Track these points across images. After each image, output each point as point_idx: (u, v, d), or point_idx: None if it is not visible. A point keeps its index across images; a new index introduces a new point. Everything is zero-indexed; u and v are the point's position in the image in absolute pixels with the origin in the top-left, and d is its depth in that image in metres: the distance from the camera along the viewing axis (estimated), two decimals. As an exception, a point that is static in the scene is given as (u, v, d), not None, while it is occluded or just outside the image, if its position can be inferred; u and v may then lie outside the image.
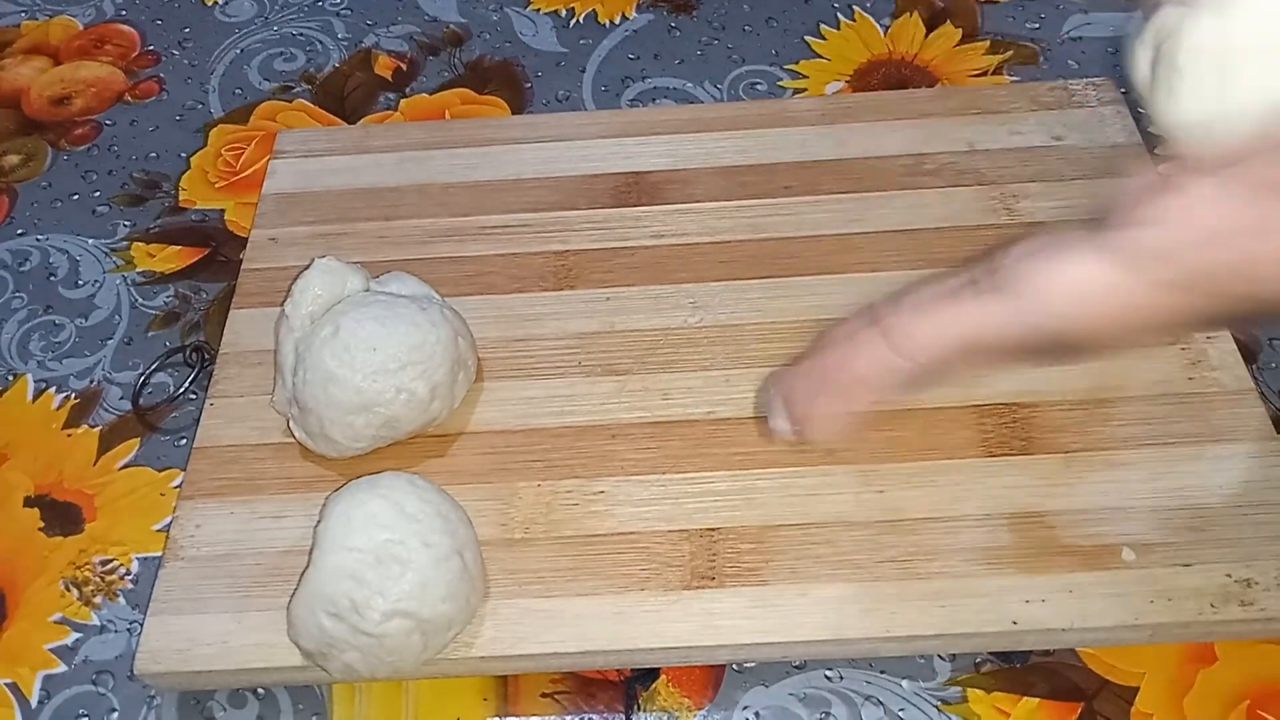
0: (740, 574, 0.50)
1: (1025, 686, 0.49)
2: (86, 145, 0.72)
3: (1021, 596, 0.48)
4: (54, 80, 0.76)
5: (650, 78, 0.74)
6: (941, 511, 0.51)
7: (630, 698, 0.49)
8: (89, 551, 0.55)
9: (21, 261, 0.67)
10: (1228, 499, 0.50)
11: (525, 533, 0.52)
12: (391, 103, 0.74)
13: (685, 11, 0.78)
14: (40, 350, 0.63)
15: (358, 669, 0.47)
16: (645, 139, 0.67)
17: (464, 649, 0.48)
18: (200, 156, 0.71)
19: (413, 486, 0.48)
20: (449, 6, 0.79)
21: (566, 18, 0.78)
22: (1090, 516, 0.50)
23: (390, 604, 0.45)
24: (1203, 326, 0.52)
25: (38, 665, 0.52)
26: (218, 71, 0.76)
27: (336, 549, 0.46)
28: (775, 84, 0.73)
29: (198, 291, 0.64)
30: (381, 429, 0.53)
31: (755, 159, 0.65)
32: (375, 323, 0.52)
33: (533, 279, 0.61)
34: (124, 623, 0.53)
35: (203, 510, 0.53)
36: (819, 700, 0.49)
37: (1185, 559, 0.49)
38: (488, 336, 0.58)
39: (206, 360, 0.60)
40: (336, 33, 0.78)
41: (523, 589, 0.50)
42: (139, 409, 0.59)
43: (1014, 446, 0.53)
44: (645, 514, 0.52)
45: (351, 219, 0.64)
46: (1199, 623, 0.47)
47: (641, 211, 0.63)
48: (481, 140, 0.68)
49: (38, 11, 0.81)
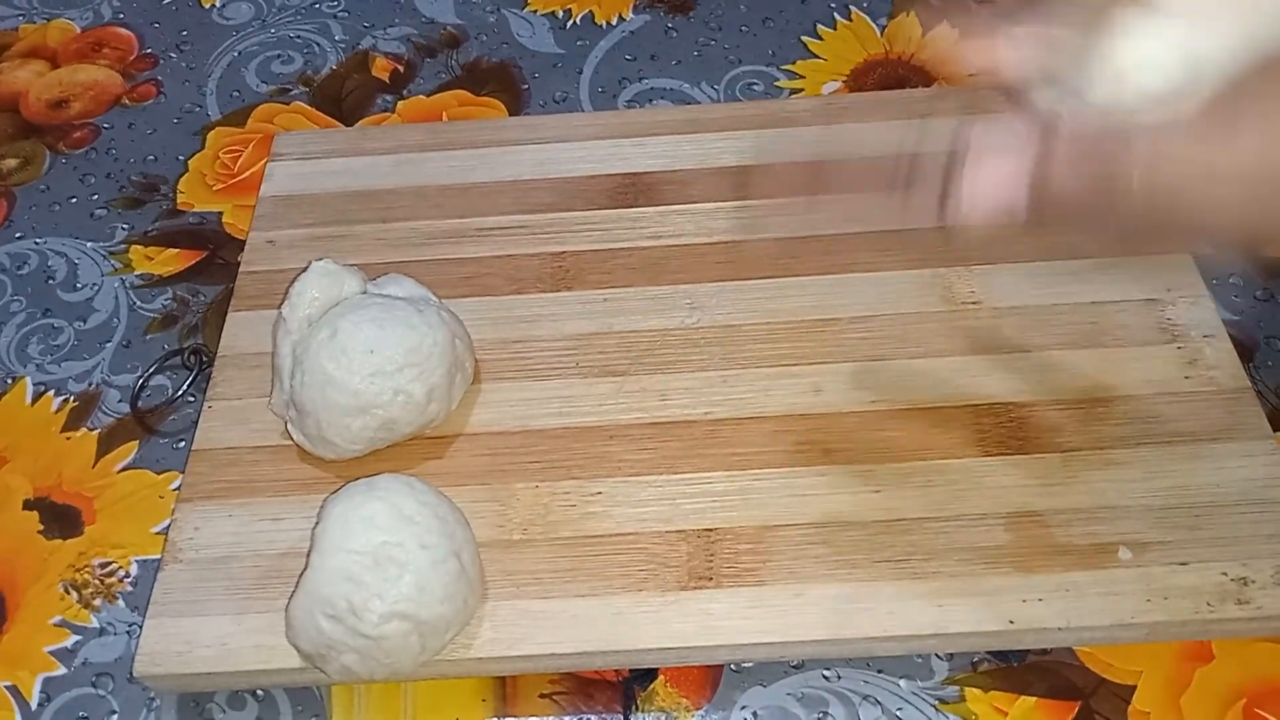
0: (738, 574, 0.50)
1: (1022, 685, 0.49)
2: (84, 148, 0.72)
3: (1018, 596, 0.48)
4: (52, 84, 0.77)
5: (647, 79, 0.74)
6: (938, 511, 0.51)
7: (628, 698, 0.49)
8: (88, 554, 0.55)
9: (20, 265, 0.67)
10: (1224, 498, 0.50)
11: (523, 534, 0.52)
12: (389, 105, 0.74)
13: (682, 12, 0.78)
14: (39, 353, 0.63)
15: (356, 670, 0.47)
16: (642, 140, 0.67)
17: (462, 650, 0.48)
18: (198, 159, 0.71)
19: (410, 488, 0.48)
20: (446, 8, 0.79)
21: (563, 19, 0.78)
22: (1087, 516, 0.50)
23: (388, 606, 0.45)
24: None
25: (37, 668, 0.52)
26: (215, 74, 0.76)
27: (334, 551, 0.46)
28: (772, 84, 0.73)
29: (196, 294, 0.65)
30: (379, 431, 0.53)
31: (752, 159, 0.65)
32: (373, 325, 0.52)
33: (530, 280, 0.61)
34: (123, 625, 0.53)
35: (201, 513, 0.53)
36: (817, 700, 0.49)
37: (1182, 558, 0.49)
38: (485, 338, 0.58)
39: (205, 363, 0.60)
40: (334, 35, 0.78)
41: (520, 590, 0.50)
42: (138, 412, 0.59)
43: (1010, 446, 0.53)
44: (643, 515, 0.52)
45: (349, 221, 0.64)
46: (1195, 621, 0.48)
47: (639, 212, 0.64)
48: (479, 142, 0.68)
49: (35, 15, 0.81)
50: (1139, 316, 0.57)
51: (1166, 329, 0.57)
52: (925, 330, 0.57)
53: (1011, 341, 0.56)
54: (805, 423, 0.54)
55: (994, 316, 0.58)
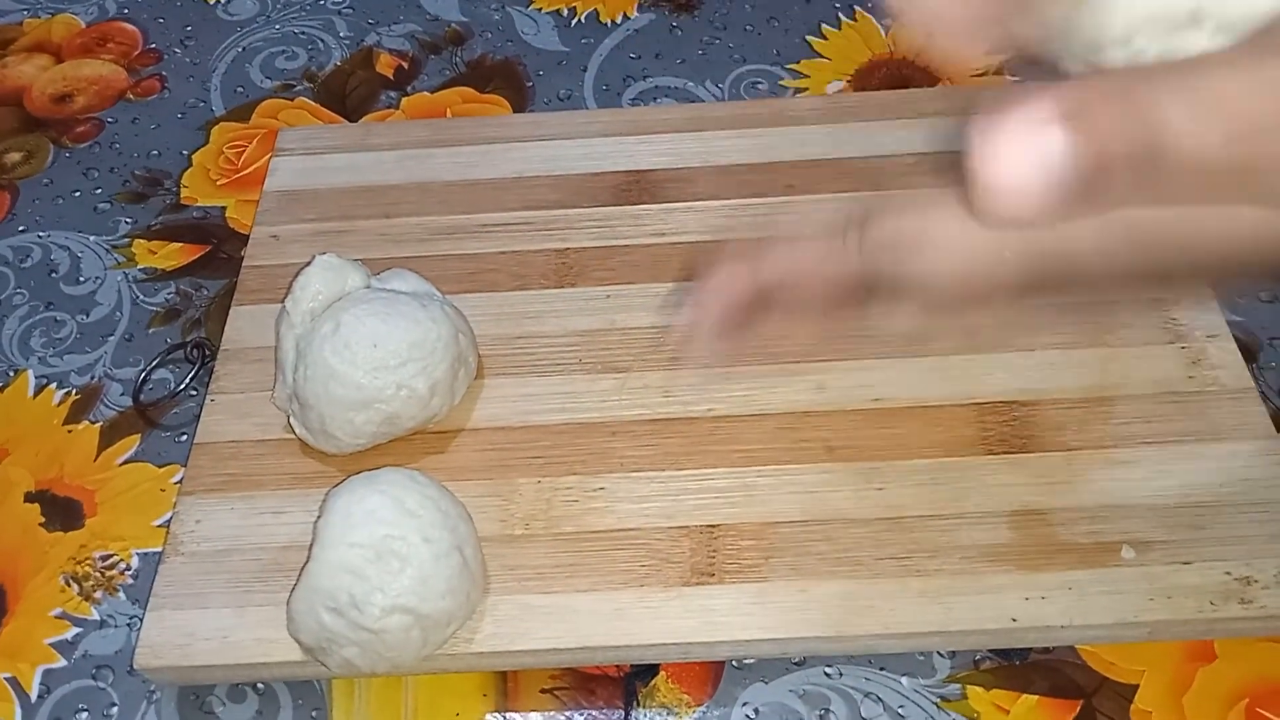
0: (740, 570, 0.50)
1: (1025, 684, 0.49)
2: (88, 143, 0.72)
3: (1021, 594, 0.48)
4: (56, 78, 0.77)
5: (651, 77, 0.74)
6: (942, 509, 0.51)
7: (630, 693, 0.49)
8: (89, 547, 0.55)
9: (23, 258, 0.67)
10: (1227, 497, 0.50)
11: (525, 529, 0.52)
12: (393, 101, 0.74)
13: (687, 11, 0.78)
14: (41, 346, 0.63)
15: (357, 664, 0.47)
16: (646, 138, 0.67)
17: (463, 645, 0.48)
18: (202, 154, 0.71)
19: (413, 482, 0.48)
20: (451, 5, 0.79)
21: (568, 17, 0.78)
22: (1090, 514, 0.50)
23: (390, 599, 0.45)
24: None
25: (38, 660, 0.52)
26: (219, 69, 0.76)
27: (336, 544, 0.46)
28: (776, 83, 0.73)
29: (199, 288, 0.64)
30: (382, 425, 0.53)
31: (756, 158, 0.65)
32: (376, 319, 0.52)
33: (534, 276, 0.61)
34: (124, 618, 0.53)
35: (203, 506, 0.53)
36: (818, 697, 0.49)
37: (1185, 557, 0.49)
38: (488, 333, 0.58)
39: (207, 357, 0.60)
40: (338, 31, 0.78)
41: (522, 585, 0.50)
42: (140, 405, 0.59)
43: (1014, 444, 0.53)
44: (645, 510, 0.52)
45: (352, 217, 0.64)
46: (1198, 620, 0.47)
47: (642, 210, 0.64)
48: (483, 139, 0.68)
49: (40, 10, 0.81)
50: (1143, 316, 0.57)
51: (1170, 329, 0.56)
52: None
53: (1015, 340, 0.56)
54: (808, 420, 0.54)
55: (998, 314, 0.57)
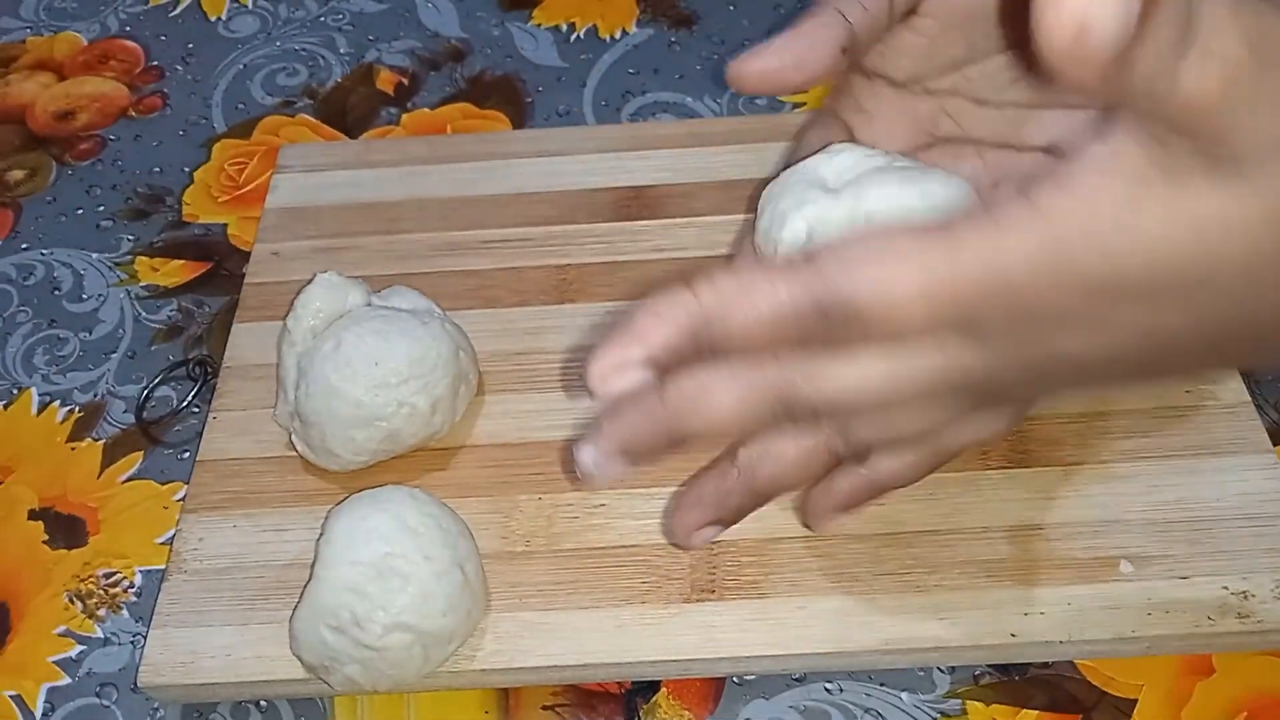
0: (740, 587, 0.50)
1: (1024, 698, 0.49)
2: (90, 160, 0.73)
3: (1020, 609, 0.49)
4: (58, 96, 0.77)
5: (650, 92, 0.74)
6: (940, 524, 0.51)
7: (631, 710, 0.49)
8: (93, 564, 0.55)
9: (26, 276, 0.67)
10: (1224, 512, 0.51)
11: (526, 546, 0.52)
12: (393, 117, 0.74)
13: (685, 26, 0.78)
14: (44, 364, 0.63)
15: (359, 682, 0.47)
16: (645, 153, 0.67)
17: (465, 662, 0.49)
18: (203, 171, 0.72)
19: (414, 500, 0.49)
20: (450, 22, 0.80)
21: (567, 33, 0.78)
22: (1088, 529, 0.51)
23: (391, 617, 0.46)
24: None
25: (41, 678, 0.52)
26: (220, 87, 0.77)
27: (338, 563, 0.47)
28: (775, 98, 0.73)
29: (201, 305, 0.65)
30: (383, 442, 0.53)
31: (755, 173, 0.66)
32: (377, 337, 0.53)
33: (534, 293, 0.61)
34: (127, 635, 0.53)
35: (206, 523, 0.54)
36: (819, 713, 0.49)
37: (1183, 571, 0.49)
38: (489, 350, 0.59)
39: (209, 374, 0.61)
40: (339, 48, 0.79)
41: (524, 602, 0.50)
42: (142, 422, 0.60)
43: (1012, 460, 0.53)
44: (646, 527, 0.52)
45: (353, 233, 0.65)
46: (1196, 635, 0.48)
47: (641, 225, 0.64)
48: (482, 155, 0.68)
49: (42, 28, 0.82)
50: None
51: (1167, 343, 0.57)
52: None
53: None
54: (807, 436, 0.55)
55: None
